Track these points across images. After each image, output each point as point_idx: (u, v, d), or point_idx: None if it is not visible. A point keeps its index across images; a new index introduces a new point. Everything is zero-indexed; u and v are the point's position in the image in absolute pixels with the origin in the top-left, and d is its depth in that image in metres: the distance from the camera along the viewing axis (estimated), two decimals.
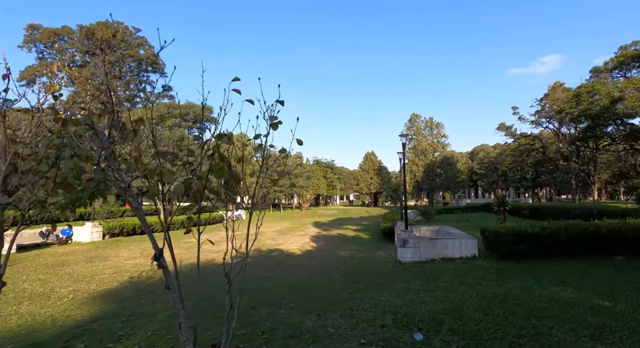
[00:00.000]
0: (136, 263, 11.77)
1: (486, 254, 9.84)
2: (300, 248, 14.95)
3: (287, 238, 18.61)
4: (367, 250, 14.22)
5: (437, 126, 46.73)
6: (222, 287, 7.94)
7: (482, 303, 6.06)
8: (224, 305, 3.41)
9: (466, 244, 9.90)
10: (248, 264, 10.65)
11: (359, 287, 7.91)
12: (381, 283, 8.09)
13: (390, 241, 16.27)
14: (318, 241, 17.41)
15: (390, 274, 9.06)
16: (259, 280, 8.96)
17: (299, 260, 12.01)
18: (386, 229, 15.94)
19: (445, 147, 46.94)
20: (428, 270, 9.06)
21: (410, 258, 10.13)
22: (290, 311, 6.21)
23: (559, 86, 39.02)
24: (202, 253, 12.97)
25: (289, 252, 14.20)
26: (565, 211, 16.67)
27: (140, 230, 20.03)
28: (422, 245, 10.11)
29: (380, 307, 6.09)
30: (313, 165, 54.79)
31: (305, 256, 12.94)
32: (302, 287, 8.15)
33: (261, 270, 10.28)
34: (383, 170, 56.70)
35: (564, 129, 45.84)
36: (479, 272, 8.43)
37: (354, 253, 13.36)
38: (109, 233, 18.10)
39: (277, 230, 23.34)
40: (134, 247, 15.82)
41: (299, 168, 43.81)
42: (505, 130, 47.39)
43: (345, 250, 14.11)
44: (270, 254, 13.67)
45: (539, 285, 7.02)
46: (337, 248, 14.69)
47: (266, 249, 15.06)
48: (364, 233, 20.49)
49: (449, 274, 8.41)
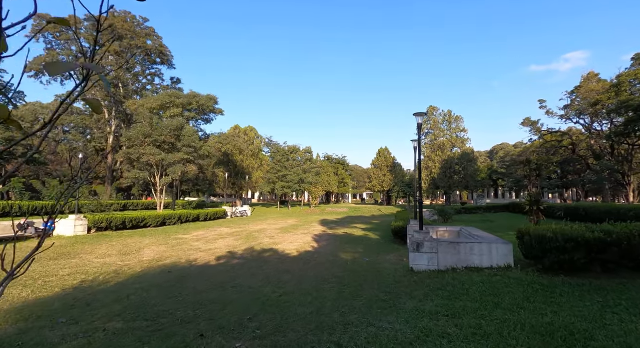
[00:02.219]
0: (104, 263, 10.21)
1: (525, 264, 7.68)
2: (298, 249, 13.09)
3: (287, 237, 16.80)
4: (374, 253, 12.22)
5: (455, 120, 43.52)
6: (185, 299, 6.08)
7: (534, 343, 4.03)
8: (166, 329, 1.98)
9: (498, 250, 7.78)
10: (229, 267, 8.56)
11: (356, 305, 5.97)
12: (386, 301, 6.13)
13: (402, 243, 14.21)
14: (320, 241, 15.51)
15: (399, 287, 7.06)
16: (231, 290, 7.16)
17: (290, 264, 10.15)
18: (397, 229, 13.86)
19: (465, 143, 43.58)
20: (449, 283, 7.02)
21: (425, 266, 8.09)
22: (251, 344, 4.35)
23: (593, 77, 35.46)
24: (188, 252, 11.07)
25: (284, 253, 12.37)
26: (612, 213, 14.09)
27: (132, 225, 18.70)
28: (441, 250, 8.05)
29: (382, 343, 4.16)
30: (324, 161, 52.81)
31: (301, 259, 11.07)
32: (281, 302, 6.28)
33: (240, 276, 8.48)
34: (397, 167, 53.95)
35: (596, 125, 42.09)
36: (518, 289, 6.33)
37: (357, 256, 11.39)
38: (95, 227, 16.79)
39: (279, 228, 21.60)
40: (117, 243, 14.37)
41: (308, 163, 41.95)
42: (531, 126, 43.84)
43: (349, 253, 12.16)
44: (261, 255, 11.88)
45: (612, 314, 4.89)
46: (339, 250, 12.76)
47: (260, 249, 13.30)
48: (373, 234, 18.45)
49: (478, 291, 6.35)
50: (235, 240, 16.11)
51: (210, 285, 7.65)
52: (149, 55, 41.59)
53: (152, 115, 23.24)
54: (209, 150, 29.08)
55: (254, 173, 43.40)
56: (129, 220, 18.42)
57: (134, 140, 20.72)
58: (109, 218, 17.25)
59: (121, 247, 13.53)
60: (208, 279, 8.22)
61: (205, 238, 16.42)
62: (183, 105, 26.72)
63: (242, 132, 43.64)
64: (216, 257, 11.48)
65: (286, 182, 41.08)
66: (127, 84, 42.05)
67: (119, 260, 10.79)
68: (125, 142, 21.32)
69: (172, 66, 42.94)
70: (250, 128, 44.73)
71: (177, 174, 21.93)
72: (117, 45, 37.06)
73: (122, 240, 15.18)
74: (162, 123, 21.67)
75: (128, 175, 22.00)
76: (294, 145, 42.10)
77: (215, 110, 31.35)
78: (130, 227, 18.64)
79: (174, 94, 28.63)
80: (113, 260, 10.65)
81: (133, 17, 39.84)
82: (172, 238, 16.24)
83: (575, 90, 38.95)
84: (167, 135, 21.60)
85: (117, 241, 14.99)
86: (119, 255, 11.63)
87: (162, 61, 42.76)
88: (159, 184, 22.43)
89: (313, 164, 42.84)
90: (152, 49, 40.10)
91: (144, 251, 12.65)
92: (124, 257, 11.42)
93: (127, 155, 21.12)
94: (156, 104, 25.34)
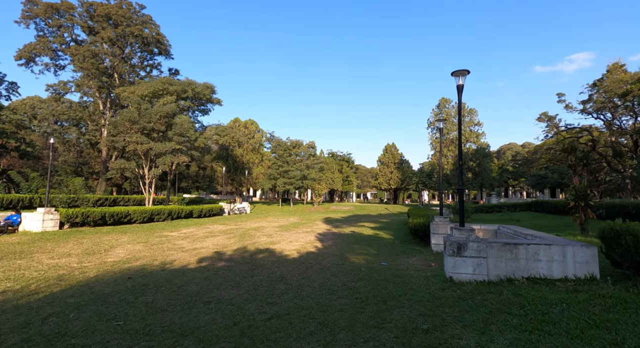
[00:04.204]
0: (55, 265, 8.17)
1: (617, 276, 5.51)
2: (299, 250, 10.98)
3: (287, 236, 14.70)
4: (390, 255, 10.09)
5: (470, 113, 40.85)
6: (129, 323, 3.95)
7: None
8: None
9: (575, 255, 5.61)
10: (210, 273, 5.68)
11: (384, 338, 3.85)
12: (429, 331, 4.00)
13: (422, 244, 12.04)
14: (325, 240, 13.39)
15: (440, 306, 4.93)
16: (202, 307, 5.06)
17: (288, 268, 8.04)
18: (417, 227, 11.66)
19: (480, 137, 40.96)
20: (511, 301, 4.88)
21: (470, 275, 5.95)
22: None
23: (619, 67, 32.98)
24: (167, 252, 8.51)
25: (281, 254, 10.26)
26: None
27: (113, 220, 16.69)
28: (492, 254, 5.90)
29: None
30: (328, 157, 50.53)
31: (301, 262, 8.96)
32: (270, 330, 4.16)
33: (221, 285, 6.39)
34: (404, 164, 51.54)
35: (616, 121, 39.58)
36: (623, 314, 4.18)
37: (372, 260, 9.26)
38: (68, 222, 14.78)
39: (279, 226, 19.50)
40: (87, 241, 12.36)
41: (311, 158, 39.77)
42: (547, 121, 41.33)
43: (360, 255, 10.03)
44: (254, 257, 9.78)
45: None
46: (348, 252, 10.63)
47: (253, 249, 11.20)
48: (384, 233, 16.30)
49: (566, 317, 4.19)
50: (227, 238, 14.03)
51: (176, 298, 5.56)
52: (146, 45, 39.68)
53: (140, 99, 21.22)
54: (204, 142, 27.05)
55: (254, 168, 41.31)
56: (110, 215, 16.41)
57: (119, 126, 18.70)
58: (85, 212, 15.24)
59: (90, 245, 11.50)
60: (177, 289, 6.14)
61: (193, 236, 14.36)
62: (177, 93, 24.72)
63: (242, 125, 41.48)
64: (198, 259, 9.41)
65: (288, 178, 38.92)
66: (123, 74, 40.17)
67: (77, 261, 8.73)
68: (110, 129, 19.33)
69: (170, 56, 41.03)
70: (250, 121, 42.45)
71: (166, 165, 19.92)
72: (111, 31, 35.15)
73: (95, 237, 13.16)
74: (151, 109, 19.62)
75: (112, 165, 20.05)
76: (297, 140, 39.89)
77: (213, 100, 29.27)
78: (111, 223, 16.63)
79: (167, 80, 26.60)
80: (68, 262, 8.60)
81: (129, 3, 37.95)
82: (155, 236, 14.20)
83: (598, 82, 36.51)
84: (157, 122, 19.54)
85: (89, 238, 12.97)
86: (82, 255, 9.58)
87: (160, 51, 40.83)
88: (147, 176, 20.41)
89: (317, 160, 40.61)
90: (149, 37, 38.16)
91: (114, 250, 10.60)
92: (87, 257, 9.38)
93: (111, 143, 19.16)
94: (148, 91, 23.37)
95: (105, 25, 35.56)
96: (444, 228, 10.13)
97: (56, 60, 38.32)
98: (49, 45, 35.55)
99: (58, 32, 36.09)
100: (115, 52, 37.66)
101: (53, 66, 38.70)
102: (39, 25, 36.13)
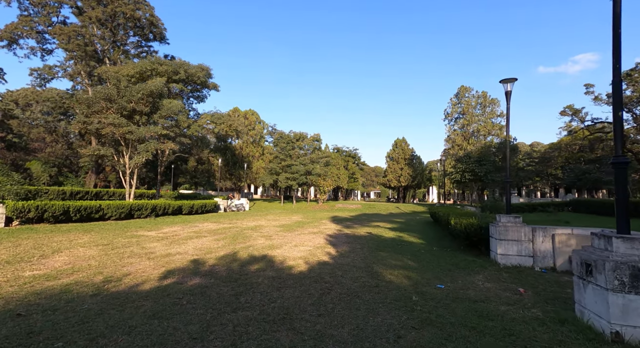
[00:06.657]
0: None
1: None
2: (307, 259, 8.03)
3: (291, 238, 11.73)
4: (439, 269, 7.12)
5: (491, 103, 37.57)
6: None
7: None
8: None
9: None
10: (167, 302, 4.58)
11: None
12: None
13: (474, 252, 9.05)
14: (338, 245, 10.43)
15: None
16: None
17: (294, 293, 5.08)
18: (470, 230, 8.60)
19: (502, 130, 37.61)
20: None
21: None
22: None
23: None
24: (126, 260, 5.10)
25: (283, 265, 7.32)
26: None
27: (80, 216, 13.80)
28: None
29: None
30: (333, 152, 47.42)
31: (313, 279, 6.01)
32: None
33: (170, 338, 3.43)
34: (415, 160, 48.29)
35: None
36: None
37: (417, 278, 6.30)
38: (19, 217, 11.90)
39: (280, 225, 16.54)
40: (27, 242, 9.46)
41: (316, 152, 36.72)
42: (572, 115, 38.00)
43: (395, 269, 7.08)
44: (244, 270, 6.84)
45: None
46: (375, 263, 7.67)
47: (246, 256, 8.28)
48: (409, 235, 13.32)
49: None
50: (215, 240, 11.08)
51: None
52: (139, 28, 36.77)
53: (119, 75, 18.28)
54: (199, 130, 24.10)
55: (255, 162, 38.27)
56: (76, 209, 13.51)
57: (94, 106, 15.76)
58: (41, 206, 12.34)
59: (28, 248, 8.60)
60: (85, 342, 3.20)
61: (173, 237, 11.44)
62: (168, 74, 21.84)
63: (242, 115, 38.40)
64: (164, 272, 6.49)
65: (291, 173, 35.89)
66: (116, 61, 37.30)
67: None
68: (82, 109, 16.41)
69: (166, 41, 38.10)
70: (251, 111, 39.36)
71: (149, 152, 17.00)
72: (100, 11, 32.28)
73: (44, 238, 10.27)
74: (133, 87, 16.70)
75: (84, 151, 17.20)
76: (301, 132, 36.82)
77: (208, 84, 26.31)
78: (77, 220, 13.75)
79: (156, 60, 23.64)
80: None
81: None
82: (126, 236, 11.29)
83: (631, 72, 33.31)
84: (139, 102, 16.60)
85: (35, 238, 10.08)
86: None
87: (154, 36, 37.90)
88: (127, 166, 17.49)
89: (322, 154, 37.52)
90: (142, 19, 35.26)
91: (53, 257, 7.70)
92: (1, 268, 6.48)
93: (83, 126, 16.28)
94: (134, 71, 20.47)
95: (94, 4, 32.71)
96: (517, 233, 7.17)
97: (43, 43, 35.55)
98: (33, 25, 32.73)
99: (43, 12, 33.26)
100: (105, 35, 34.81)
101: (40, 50, 35.92)
102: (22, 4, 33.32)
